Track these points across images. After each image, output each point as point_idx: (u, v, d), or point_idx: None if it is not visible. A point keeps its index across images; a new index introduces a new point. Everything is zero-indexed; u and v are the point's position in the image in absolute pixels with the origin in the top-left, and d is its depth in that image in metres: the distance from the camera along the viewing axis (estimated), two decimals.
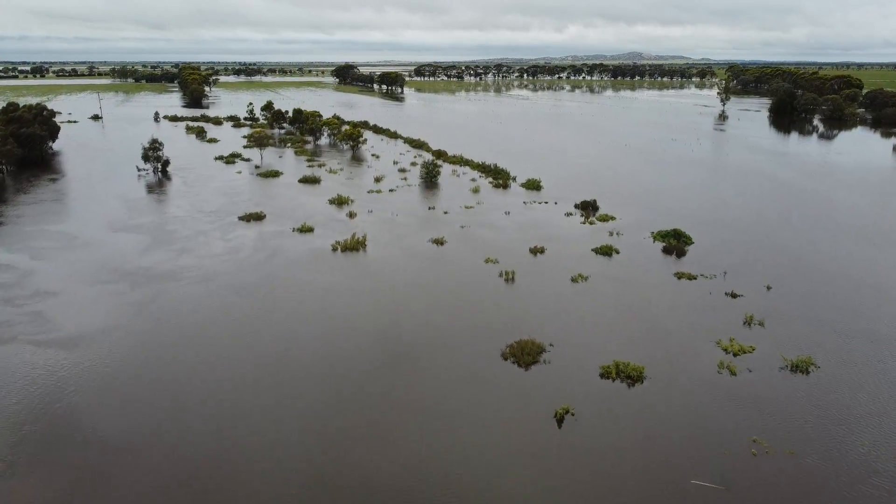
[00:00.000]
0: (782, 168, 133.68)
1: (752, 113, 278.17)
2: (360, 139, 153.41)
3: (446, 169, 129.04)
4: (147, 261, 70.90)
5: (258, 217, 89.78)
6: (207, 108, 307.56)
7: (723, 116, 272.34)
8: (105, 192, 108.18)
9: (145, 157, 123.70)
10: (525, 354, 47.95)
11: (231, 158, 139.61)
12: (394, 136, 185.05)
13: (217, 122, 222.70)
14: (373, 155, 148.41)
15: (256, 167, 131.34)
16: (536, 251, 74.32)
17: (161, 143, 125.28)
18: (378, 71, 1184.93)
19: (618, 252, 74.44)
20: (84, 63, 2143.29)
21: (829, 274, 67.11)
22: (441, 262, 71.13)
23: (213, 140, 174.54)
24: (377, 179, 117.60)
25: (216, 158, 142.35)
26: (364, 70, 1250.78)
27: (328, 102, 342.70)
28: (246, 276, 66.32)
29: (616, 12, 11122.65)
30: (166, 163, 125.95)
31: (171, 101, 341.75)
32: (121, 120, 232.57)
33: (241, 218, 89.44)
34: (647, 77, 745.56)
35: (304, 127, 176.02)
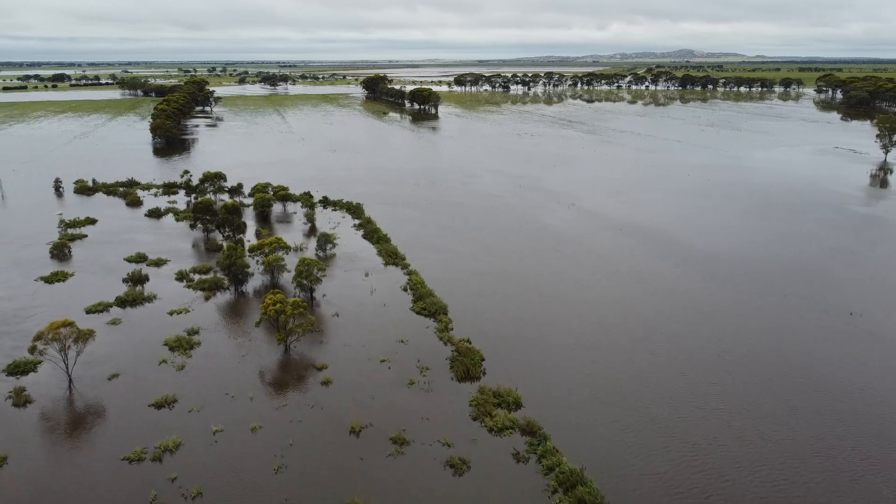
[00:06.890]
0: None
1: None
2: (312, 327, 72.44)
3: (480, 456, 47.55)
4: None
5: None
6: (190, 148, 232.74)
7: (887, 171, 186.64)
8: None
9: None
10: None
11: (19, 394, 60.01)
12: (393, 259, 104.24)
13: (135, 200, 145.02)
14: (322, 374, 67.52)
15: (48, 421, 51.94)
16: None
17: None
18: (417, 74, 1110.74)
19: None
20: (129, 63, 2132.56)
21: None
22: None
23: (59, 278, 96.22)
24: None
25: (6, 375, 63.82)
26: (402, 72, 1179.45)
27: (336, 137, 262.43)
28: None
29: (656, 9, 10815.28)
30: None
31: (140, 137, 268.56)
32: (23, 189, 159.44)
33: None
34: (722, 87, 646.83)
35: (228, 257, 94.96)
